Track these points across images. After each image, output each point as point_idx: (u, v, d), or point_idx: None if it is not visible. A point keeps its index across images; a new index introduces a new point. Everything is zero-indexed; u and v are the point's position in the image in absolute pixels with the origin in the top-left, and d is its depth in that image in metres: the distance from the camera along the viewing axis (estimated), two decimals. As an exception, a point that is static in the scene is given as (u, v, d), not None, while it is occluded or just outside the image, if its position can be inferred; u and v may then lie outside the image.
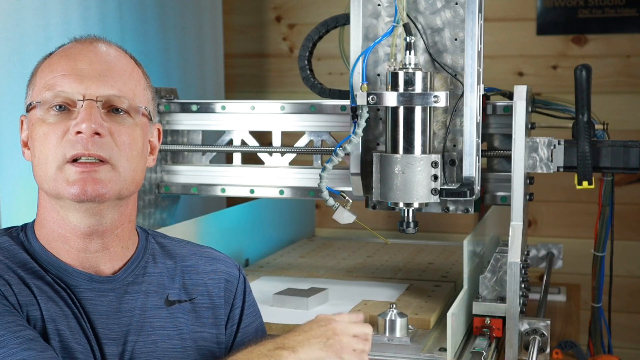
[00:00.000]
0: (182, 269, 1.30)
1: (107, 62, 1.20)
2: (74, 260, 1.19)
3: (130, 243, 1.25)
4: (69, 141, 1.14)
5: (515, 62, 2.84)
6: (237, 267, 1.36)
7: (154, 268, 1.27)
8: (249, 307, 1.35)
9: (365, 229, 1.77)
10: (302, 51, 1.86)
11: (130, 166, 1.18)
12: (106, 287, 1.20)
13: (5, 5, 1.69)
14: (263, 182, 1.90)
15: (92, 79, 1.17)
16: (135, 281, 1.23)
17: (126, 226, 1.24)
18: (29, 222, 1.26)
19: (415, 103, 1.57)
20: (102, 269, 1.21)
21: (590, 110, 1.66)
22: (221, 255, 1.37)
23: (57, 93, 1.16)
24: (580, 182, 1.66)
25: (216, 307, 1.29)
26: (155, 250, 1.30)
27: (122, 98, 1.18)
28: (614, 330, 2.06)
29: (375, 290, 1.92)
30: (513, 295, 1.54)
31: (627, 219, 2.73)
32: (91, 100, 1.15)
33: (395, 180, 1.59)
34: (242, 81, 3.11)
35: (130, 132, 1.19)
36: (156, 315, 1.23)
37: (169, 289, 1.26)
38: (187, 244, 1.36)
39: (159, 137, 1.31)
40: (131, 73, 1.23)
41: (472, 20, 1.61)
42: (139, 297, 1.22)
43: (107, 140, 1.15)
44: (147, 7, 2.31)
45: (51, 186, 1.15)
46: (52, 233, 1.20)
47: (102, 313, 1.18)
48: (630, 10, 2.71)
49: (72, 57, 1.19)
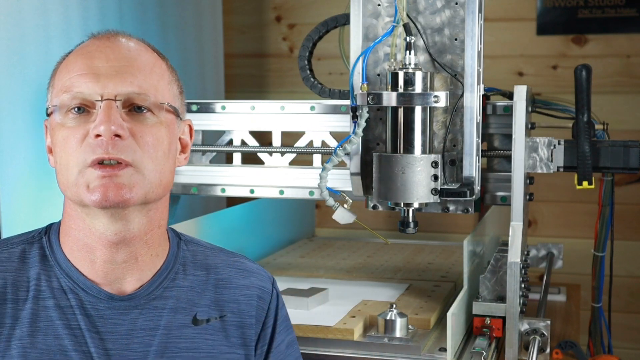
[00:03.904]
0: (214, 282, 1.22)
1: (125, 57, 1.13)
2: (98, 273, 1.13)
3: (160, 250, 1.19)
4: (88, 145, 1.07)
5: (515, 62, 2.84)
6: (270, 281, 1.29)
7: (183, 280, 1.20)
8: (281, 324, 1.28)
9: (365, 229, 1.77)
10: (302, 51, 1.86)
11: (155, 168, 1.11)
12: (128, 304, 1.14)
13: (5, 5, 1.69)
14: (263, 182, 1.90)
15: (110, 76, 1.10)
16: (162, 295, 1.16)
17: (156, 232, 1.17)
18: (54, 222, 1.20)
19: (415, 103, 1.57)
20: (128, 281, 1.14)
21: (590, 110, 1.66)
22: (254, 267, 1.29)
23: (74, 95, 1.10)
24: (580, 182, 1.66)
25: (246, 327, 1.22)
26: (186, 259, 1.23)
27: (143, 95, 1.11)
28: (614, 330, 2.06)
29: (375, 290, 1.92)
30: (513, 295, 1.54)
31: (627, 219, 2.73)
32: (110, 99, 1.08)
33: (395, 180, 1.59)
34: (242, 81, 3.11)
35: (154, 131, 1.11)
36: (182, 335, 1.16)
37: (198, 306, 1.19)
38: (220, 252, 1.29)
39: (190, 133, 1.24)
40: (153, 67, 1.15)
41: (472, 20, 1.61)
42: (164, 314, 1.15)
43: (128, 142, 1.08)
44: (147, 7, 2.31)
45: (73, 192, 1.09)
46: (77, 242, 1.14)
47: (122, 333, 1.12)
48: (630, 10, 2.71)
49: (89, 54, 1.12)
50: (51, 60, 1.82)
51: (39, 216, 1.80)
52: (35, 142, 1.78)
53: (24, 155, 1.75)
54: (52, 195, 1.83)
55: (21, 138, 1.74)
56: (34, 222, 1.76)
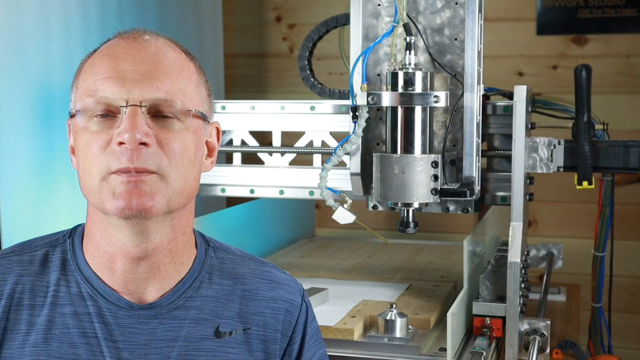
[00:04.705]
0: (240, 293, 1.18)
1: (152, 60, 1.08)
2: (118, 282, 1.10)
3: (185, 257, 1.15)
4: (112, 153, 1.03)
5: (515, 62, 2.84)
6: (300, 294, 1.24)
7: (208, 290, 1.15)
8: (310, 338, 1.23)
9: (365, 229, 1.77)
10: (302, 51, 1.86)
11: (180, 176, 1.07)
12: (148, 313, 1.10)
13: (5, 5, 1.69)
14: (263, 182, 1.90)
15: (136, 81, 1.05)
16: (185, 305, 1.13)
17: (180, 239, 1.13)
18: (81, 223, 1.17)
19: (415, 103, 1.57)
20: (149, 290, 1.11)
21: (590, 110, 1.66)
22: (284, 278, 1.24)
23: (99, 100, 1.05)
24: (580, 182, 1.66)
25: (269, 341, 1.17)
26: (213, 267, 1.18)
27: (170, 101, 1.06)
28: (614, 330, 2.06)
29: (375, 290, 1.92)
30: (513, 295, 1.54)
31: (627, 219, 2.73)
32: (135, 105, 1.04)
33: (395, 180, 1.59)
34: (242, 81, 3.11)
35: (180, 138, 1.07)
36: (202, 348, 1.12)
37: (222, 318, 1.15)
38: (250, 261, 1.24)
39: (217, 136, 1.20)
40: (180, 70, 1.10)
41: (472, 20, 1.61)
42: (185, 325, 1.12)
43: (154, 150, 1.04)
44: (147, 7, 2.31)
45: (97, 199, 1.06)
46: (99, 248, 1.11)
47: (140, 343, 1.09)
48: (630, 10, 2.71)
49: (114, 56, 1.08)
50: (51, 60, 1.84)
51: (39, 216, 1.79)
52: (35, 142, 1.78)
53: (24, 155, 1.75)
54: (52, 195, 1.84)
55: (21, 138, 1.74)
56: (34, 222, 1.76)
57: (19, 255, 1.14)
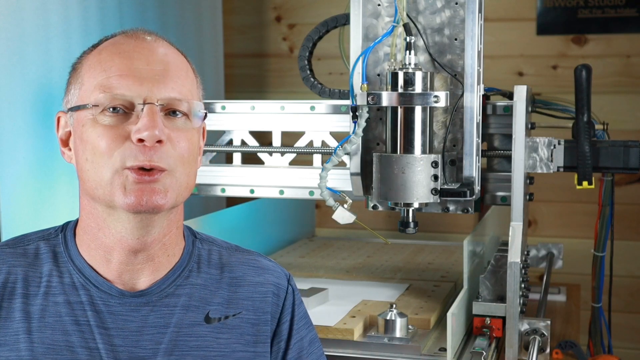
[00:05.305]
0: (228, 280, 1.21)
1: (163, 61, 1.12)
2: (112, 272, 1.13)
3: (176, 250, 1.19)
4: (129, 149, 1.06)
5: (515, 62, 2.84)
6: (286, 277, 1.28)
7: (197, 278, 1.19)
8: (300, 320, 1.26)
9: (365, 229, 1.77)
10: (302, 51, 1.86)
11: (185, 172, 1.12)
12: (139, 300, 1.13)
13: (5, 5, 1.69)
14: (263, 182, 1.90)
15: (152, 80, 1.09)
16: (175, 293, 1.16)
17: (174, 232, 1.17)
18: (71, 220, 1.21)
19: (415, 103, 1.57)
20: (142, 280, 1.14)
21: (590, 110, 1.66)
22: (270, 264, 1.28)
23: (115, 96, 1.08)
24: (580, 182, 1.66)
25: (260, 324, 1.20)
26: (201, 257, 1.22)
27: (182, 101, 1.11)
28: (614, 330, 2.06)
29: (375, 290, 1.92)
30: (513, 295, 1.54)
31: (627, 219, 2.73)
32: (152, 103, 1.07)
33: (395, 180, 1.59)
34: (242, 81, 3.11)
35: (189, 136, 1.12)
36: (193, 333, 1.15)
37: (211, 305, 1.18)
38: (236, 251, 1.28)
39: (203, 135, 1.24)
40: (187, 72, 1.16)
41: (472, 20, 1.61)
42: (175, 312, 1.15)
43: (166, 148, 1.08)
44: (147, 7, 2.31)
45: (106, 192, 1.08)
46: (95, 240, 1.13)
47: (132, 329, 1.12)
48: (630, 10, 2.71)
49: (127, 54, 1.11)
50: (51, 60, 1.84)
51: (39, 216, 1.79)
52: (35, 142, 1.78)
53: (24, 155, 1.75)
54: (52, 195, 1.84)
55: (21, 138, 1.74)
56: (34, 222, 1.76)
57: (12, 248, 1.18)
